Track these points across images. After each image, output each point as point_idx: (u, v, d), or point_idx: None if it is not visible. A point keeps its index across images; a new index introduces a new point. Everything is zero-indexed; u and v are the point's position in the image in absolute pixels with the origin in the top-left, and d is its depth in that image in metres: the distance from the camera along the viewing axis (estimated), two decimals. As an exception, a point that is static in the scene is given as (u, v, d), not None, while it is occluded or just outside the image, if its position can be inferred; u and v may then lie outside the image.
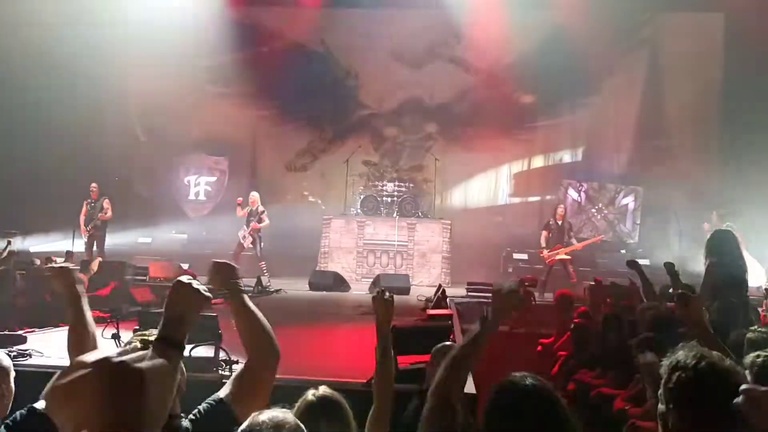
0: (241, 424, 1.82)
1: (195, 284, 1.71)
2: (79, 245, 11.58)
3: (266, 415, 1.76)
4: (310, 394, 2.43)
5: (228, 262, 2.12)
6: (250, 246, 11.26)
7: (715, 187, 13.12)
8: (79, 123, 12.79)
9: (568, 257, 11.09)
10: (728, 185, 12.27)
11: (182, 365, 2.20)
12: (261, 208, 11.29)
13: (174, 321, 1.66)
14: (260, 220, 11.22)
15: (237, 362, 4.47)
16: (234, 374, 2.06)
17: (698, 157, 13.67)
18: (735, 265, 5.20)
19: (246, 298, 2.06)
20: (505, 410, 1.74)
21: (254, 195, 11.48)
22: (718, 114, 13.65)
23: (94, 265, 9.81)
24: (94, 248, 11.28)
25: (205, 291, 1.71)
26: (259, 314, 2.08)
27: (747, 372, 2.24)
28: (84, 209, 11.29)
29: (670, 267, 5.01)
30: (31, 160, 12.57)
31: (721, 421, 1.64)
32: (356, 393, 3.15)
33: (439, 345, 3.28)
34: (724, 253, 5.22)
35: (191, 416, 1.92)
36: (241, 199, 11.66)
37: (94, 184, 11.40)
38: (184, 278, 1.73)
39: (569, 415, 1.77)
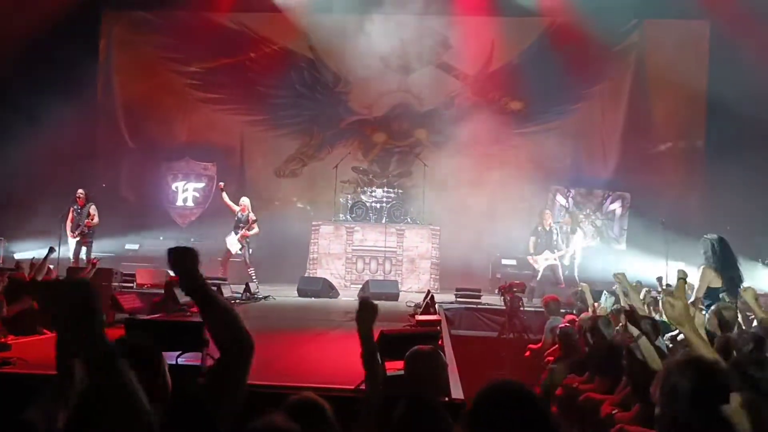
0: (220, 425, 1.80)
1: (73, 280, 1.59)
2: (65, 252, 11.47)
3: (267, 421, 1.73)
4: (291, 401, 2.42)
5: (187, 247, 2.01)
6: (239, 252, 11.22)
7: (701, 193, 13.25)
8: (66, 128, 12.71)
9: (557, 262, 11.15)
10: (714, 192, 12.39)
11: (167, 373, 2.19)
12: (252, 216, 11.29)
13: (83, 334, 1.44)
14: (249, 228, 11.22)
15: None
16: (208, 374, 2.01)
17: (684, 163, 13.80)
18: (730, 269, 5.32)
19: (209, 288, 1.95)
20: (490, 415, 1.73)
21: (245, 201, 11.47)
22: (703, 120, 13.79)
23: (89, 272, 9.65)
24: (82, 255, 11.19)
25: (86, 276, 1.62)
26: (228, 304, 1.98)
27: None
28: (70, 215, 11.19)
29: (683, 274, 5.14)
30: (17, 165, 12.47)
31: (713, 425, 1.65)
32: (344, 399, 3.14)
33: (410, 350, 3.28)
34: (720, 260, 5.32)
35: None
36: (222, 183, 11.76)
37: (80, 191, 11.31)
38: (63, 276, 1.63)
39: (553, 419, 1.77)
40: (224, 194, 11.53)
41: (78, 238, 11.14)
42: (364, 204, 13.21)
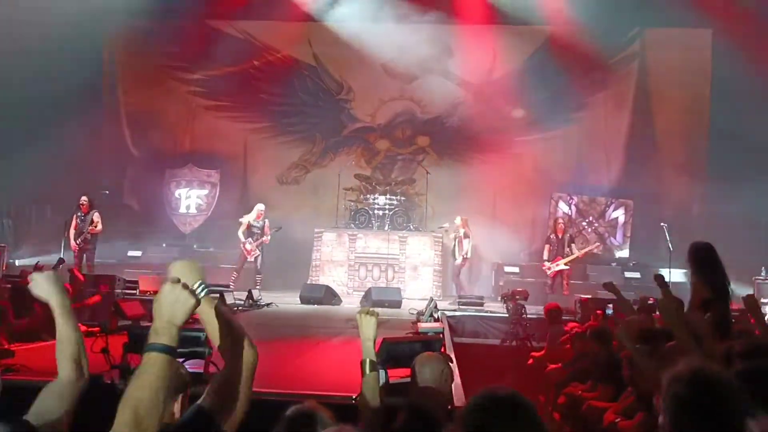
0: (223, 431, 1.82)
1: (182, 286, 1.70)
2: (67, 259, 11.48)
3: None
4: (290, 410, 2.42)
5: (191, 260, 2.09)
6: (251, 260, 11.30)
7: (704, 200, 13.22)
8: (69, 135, 12.76)
9: (567, 268, 11.28)
10: (716, 200, 12.37)
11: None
12: (268, 223, 11.43)
13: (162, 326, 1.66)
14: (264, 234, 11.33)
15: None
16: (212, 383, 2.05)
17: (687, 170, 13.77)
18: (718, 276, 5.24)
19: (215, 300, 2.03)
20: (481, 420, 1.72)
21: (260, 207, 11.56)
22: (706, 128, 13.78)
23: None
24: (84, 261, 11.19)
25: (198, 292, 1.73)
26: (232, 316, 2.07)
27: None
28: (74, 222, 11.17)
29: (660, 278, 5.07)
30: (19, 173, 12.50)
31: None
32: (344, 408, 3.14)
33: (418, 356, 3.26)
34: (707, 268, 5.26)
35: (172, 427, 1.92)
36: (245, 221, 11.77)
37: (84, 198, 11.29)
38: (171, 279, 1.73)
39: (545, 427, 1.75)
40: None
41: (80, 246, 11.12)
42: (367, 211, 13.23)
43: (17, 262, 12.05)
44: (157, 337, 1.65)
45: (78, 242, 11.07)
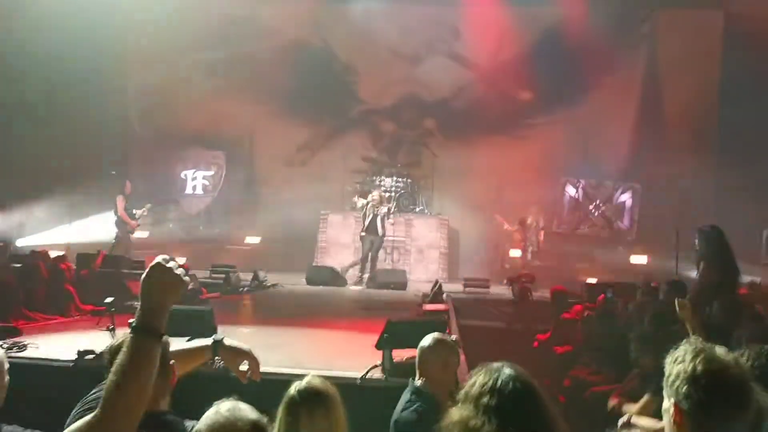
0: None
1: (172, 267, 1.61)
2: (76, 239, 11.53)
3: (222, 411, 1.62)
4: (293, 388, 2.42)
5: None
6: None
7: (713, 185, 13.14)
8: (76, 117, 12.74)
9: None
10: (725, 183, 12.29)
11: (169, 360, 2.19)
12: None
13: (152, 308, 1.57)
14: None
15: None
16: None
17: (696, 154, 13.65)
18: (727, 263, 5.21)
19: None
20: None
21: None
22: (716, 112, 13.65)
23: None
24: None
25: (183, 274, 1.62)
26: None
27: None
28: (122, 204, 11.26)
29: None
30: (26, 153, 12.50)
31: (720, 416, 1.64)
32: (350, 387, 3.14)
33: (425, 337, 3.25)
34: (716, 252, 5.22)
35: None
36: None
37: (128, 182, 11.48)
38: (160, 259, 1.62)
39: (548, 403, 1.74)
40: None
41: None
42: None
43: (17, 243, 12.08)
44: (148, 318, 1.55)
45: (137, 223, 11.36)
